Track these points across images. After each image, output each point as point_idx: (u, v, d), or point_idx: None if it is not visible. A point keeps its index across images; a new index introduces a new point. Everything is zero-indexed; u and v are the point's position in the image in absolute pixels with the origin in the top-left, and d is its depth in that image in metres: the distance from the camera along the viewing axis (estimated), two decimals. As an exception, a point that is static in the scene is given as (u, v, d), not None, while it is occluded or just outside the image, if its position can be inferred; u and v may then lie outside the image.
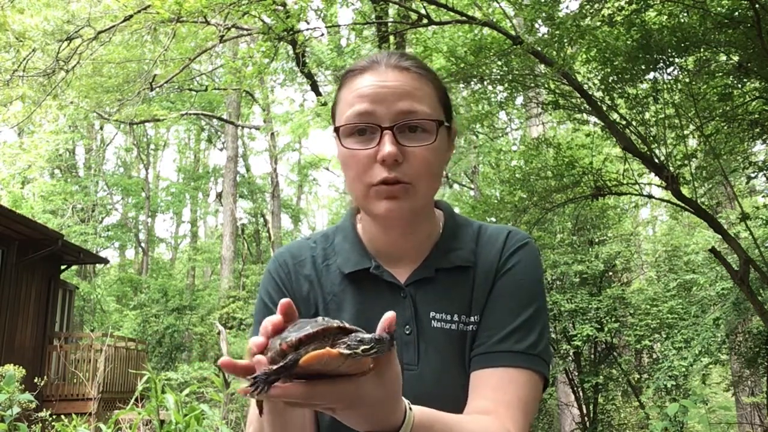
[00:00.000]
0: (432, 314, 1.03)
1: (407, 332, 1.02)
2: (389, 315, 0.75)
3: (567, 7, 5.73)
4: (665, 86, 5.93)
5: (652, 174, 6.49)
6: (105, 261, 15.75)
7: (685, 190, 5.92)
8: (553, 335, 9.18)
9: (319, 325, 0.72)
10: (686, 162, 6.01)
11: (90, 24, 8.17)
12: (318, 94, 11.48)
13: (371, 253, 1.07)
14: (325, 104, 9.57)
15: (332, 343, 0.71)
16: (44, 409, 7.39)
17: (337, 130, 1.01)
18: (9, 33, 8.87)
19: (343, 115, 1.01)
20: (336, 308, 1.05)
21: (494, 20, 6.07)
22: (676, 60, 5.72)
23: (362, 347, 0.70)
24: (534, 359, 0.99)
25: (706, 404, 8.42)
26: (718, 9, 5.20)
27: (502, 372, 0.98)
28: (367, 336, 0.71)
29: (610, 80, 5.85)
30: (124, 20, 7.58)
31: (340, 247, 1.09)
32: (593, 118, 6.62)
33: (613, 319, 8.67)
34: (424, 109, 0.99)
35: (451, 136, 1.09)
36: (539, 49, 5.52)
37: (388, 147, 0.95)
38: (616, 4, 5.28)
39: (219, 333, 14.70)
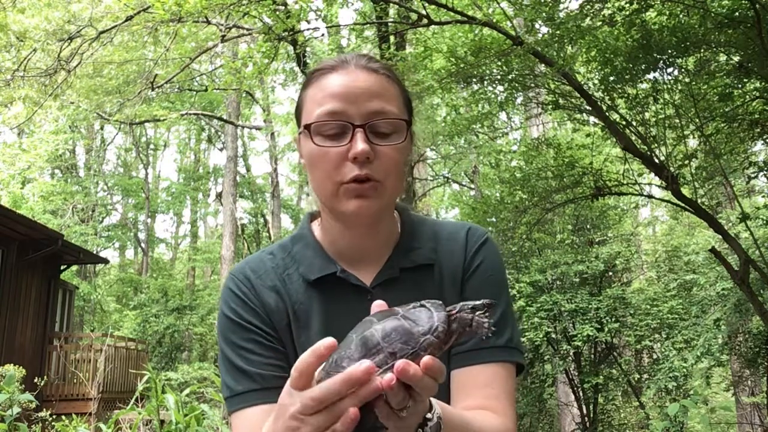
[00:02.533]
0: None
1: None
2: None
3: (567, 8, 5.72)
4: (665, 86, 5.93)
5: (652, 174, 6.49)
6: (105, 261, 15.76)
7: (685, 191, 5.92)
8: (553, 335, 9.19)
9: (442, 307, 0.76)
10: (686, 162, 6.01)
11: (92, 24, 8.17)
12: (318, 94, 11.44)
13: (333, 258, 1.07)
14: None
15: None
16: (44, 409, 7.40)
17: (308, 127, 1.01)
18: (10, 33, 8.87)
19: (312, 113, 1.01)
20: (305, 316, 1.04)
21: (494, 20, 6.06)
22: (677, 60, 5.72)
23: (478, 312, 0.77)
24: (514, 352, 1.05)
25: (707, 404, 8.42)
26: (719, 9, 5.21)
27: (488, 368, 1.02)
28: (478, 302, 0.78)
29: (610, 80, 5.85)
30: (126, 20, 7.58)
31: (301, 255, 1.08)
32: (593, 118, 6.63)
33: (613, 319, 8.67)
34: (393, 109, 1.01)
35: (413, 139, 1.11)
36: (539, 49, 5.52)
37: (360, 144, 0.96)
38: (617, 4, 5.28)
39: (219, 333, 14.68)
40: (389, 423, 0.74)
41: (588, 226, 9.83)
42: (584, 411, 9.39)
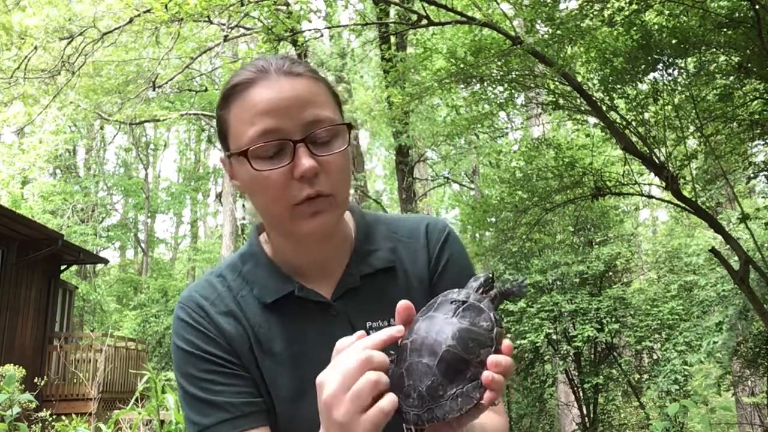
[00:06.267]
0: (369, 324, 0.98)
1: None
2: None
3: (566, 7, 5.73)
4: (665, 87, 5.93)
5: (652, 174, 6.49)
6: (105, 261, 15.77)
7: (685, 191, 5.93)
8: (553, 336, 9.19)
9: (476, 293, 0.79)
10: (686, 162, 6.01)
11: (94, 25, 8.17)
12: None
13: (288, 275, 1.00)
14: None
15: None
16: (44, 409, 7.40)
17: (245, 153, 0.90)
18: (11, 32, 8.86)
19: (242, 135, 0.91)
20: (265, 340, 0.97)
21: (494, 21, 6.06)
22: (677, 61, 5.72)
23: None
24: None
25: (707, 404, 8.42)
26: (718, 10, 5.21)
27: None
28: (481, 278, 0.81)
29: (609, 81, 5.85)
30: (129, 21, 7.58)
31: (253, 276, 1.01)
32: (593, 119, 6.63)
33: (613, 320, 8.67)
34: (328, 114, 0.93)
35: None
36: (539, 49, 5.52)
37: (305, 162, 0.89)
38: (616, 5, 5.28)
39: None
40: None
41: (588, 227, 9.83)
42: (584, 411, 9.39)
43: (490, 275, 0.81)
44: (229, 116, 0.94)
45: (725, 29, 5.03)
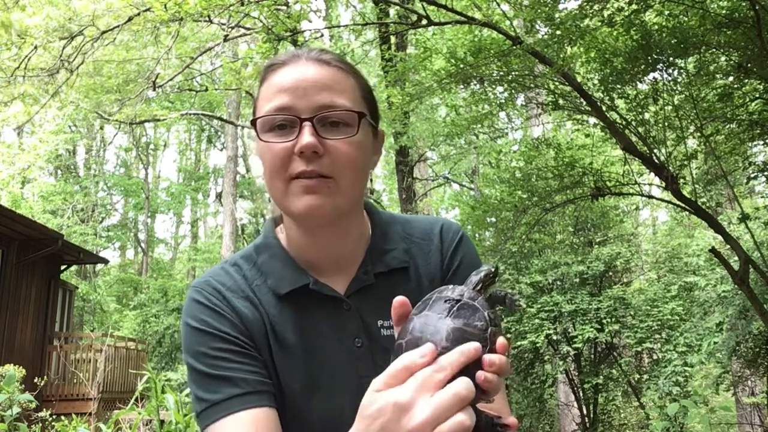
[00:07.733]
0: (380, 323, 0.99)
1: (358, 345, 0.98)
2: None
3: (566, 8, 5.73)
4: (665, 87, 5.93)
5: (652, 174, 6.49)
6: (105, 261, 15.77)
7: (685, 191, 5.92)
8: (553, 336, 9.19)
9: (472, 291, 0.77)
10: (686, 162, 6.01)
11: (94, 23, 8.16)
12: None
13: (303, 268, 1.01)
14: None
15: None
16: (44, 409, 7.39)
17: (254, 123, 0.95)
18: (12, 31, 8.85)
19: (261, 109, 0.96)
20: (279, 330, 0.97)
21: (494, 21, 6.06)
22: (676, 61, 5.72)
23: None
24: None
25: (707, 404, 8.42)
26: (718, 10, 5.21)
27: None
28: (482, 272, 0.80)
29: (609, 81, 5.84)
30: (128, 20, 7.58)
31: (268, 267, 1.01)
32: (593, 119, 6.63)
33: (613, 320, 8.67)
34: (344, 102, 0.95)
35: (378, 139, 1.04)
36: (538, 49, 5.51)
37: (306, 137, 0.91)
38: (616, 5, 5.28)
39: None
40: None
41: (588, 227, 9.83)
42: (584, 411, 9.39)
43: (493, 269, 0.80)
44: (259, 93, 0.99)
45: (725, 29, 5.02)
